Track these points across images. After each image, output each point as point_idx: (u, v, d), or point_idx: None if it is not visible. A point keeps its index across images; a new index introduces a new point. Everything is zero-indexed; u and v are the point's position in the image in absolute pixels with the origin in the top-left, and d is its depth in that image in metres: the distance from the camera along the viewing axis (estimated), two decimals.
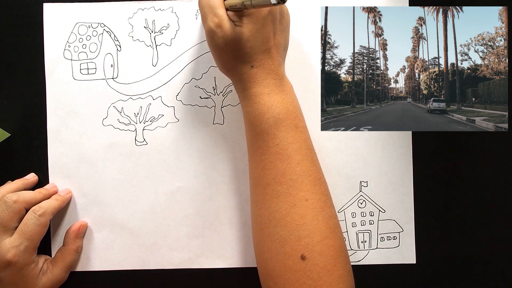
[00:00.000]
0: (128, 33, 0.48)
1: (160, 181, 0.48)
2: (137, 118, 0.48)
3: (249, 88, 0.40)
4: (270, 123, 0.40)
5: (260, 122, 0.40)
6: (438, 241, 0.48)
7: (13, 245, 0.42)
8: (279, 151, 0.40)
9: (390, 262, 0.48)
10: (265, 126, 0.40)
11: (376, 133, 0.48)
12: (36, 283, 0.44)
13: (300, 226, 0.38)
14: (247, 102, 0.41)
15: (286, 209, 0.39)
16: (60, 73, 0.48)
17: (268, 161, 0.40)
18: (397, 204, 0.48)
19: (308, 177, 0.40)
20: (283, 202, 0.39)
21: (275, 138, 0.40)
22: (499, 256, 0.49)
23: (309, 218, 0.39)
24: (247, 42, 0.39)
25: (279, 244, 0.39)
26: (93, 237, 0.48)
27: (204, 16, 0.40)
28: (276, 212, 0.39)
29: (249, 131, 0.42)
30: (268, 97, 0.40)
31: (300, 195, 0.39)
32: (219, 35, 0.39)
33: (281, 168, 0.39)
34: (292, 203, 0.39)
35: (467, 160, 0.49)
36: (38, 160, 0.48)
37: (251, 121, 0.41)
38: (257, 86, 0.40)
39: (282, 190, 0.39)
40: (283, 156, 0.39)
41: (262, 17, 0.39)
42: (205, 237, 0.48)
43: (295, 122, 0.41)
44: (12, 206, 0.43)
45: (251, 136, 0.41)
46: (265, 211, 0.40)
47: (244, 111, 0.42)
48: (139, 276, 0.48)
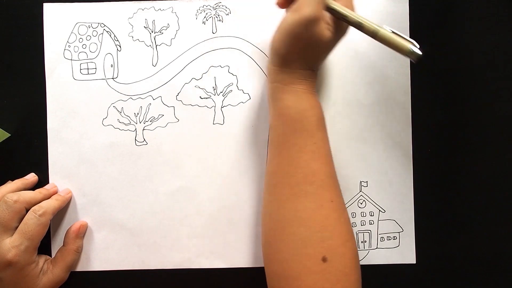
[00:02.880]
0: (128, 33, 0.48)
1: (160, 181, 0.48)
2: (137, 118, 0.48)
3: (298, 84, 0.40)
4: (312, 122, 0.40)
5: (303, 119, 0.40)
6: (438, 241, 0.48)
7: (13, 245, 0.42)
8: (315, 150, 0.39)
9: (390, 262, 0.48)
10: (306, 123, 0.40)
11: (376, 133, 0.48)
12: (36, 283, 0.44)
13: (324, 228, 0.38)
14: (291, 96, 0.40)
15: (312, 210, 0.38)
16: (60, 73, 0.48)
17: (302, 160, 0.39)
18: (397, 204, 0.48)
19: (332, 178, 0.40)
20: (311, 202, 0.38)
21: (314, 136, 0.40)
22: (499, 256, 0.49)
23: (333, 220, 0.38)
24: (327, 50, 0.41)
25: (301, 245, 0.38)
26: (93, 237, 0.48)
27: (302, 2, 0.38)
28: (301, 212, 0.38)
29: (283, 126, 0.40)
30: (313, 97, 0.41)
31: (326, 196, 0.39)
32: (310, 28, 0.38)
33: (314, 168, 0.39)
34: (319, 203, 0.38)
35: (467, 160, 0.49)
36: (38, 160, 0.48)
37: (292, 116, 0.40)
38: (306, 85, 0.41)
39: (311, 190, 0.39)
40: (318, 156, 0.39)
41: (343, 33, 0.41)
42: (205, 237, 0.48)
43: (325, 124, 0.41)
44: (12, 206, 0.43)
45: (287, 132, 0.40)
46: (288, 210, 0.39)
47: (281, 104, 0.41)
48: (139, 276, 0.48)
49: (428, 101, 0.48)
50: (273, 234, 0.40)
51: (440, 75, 0.48)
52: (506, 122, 0.48)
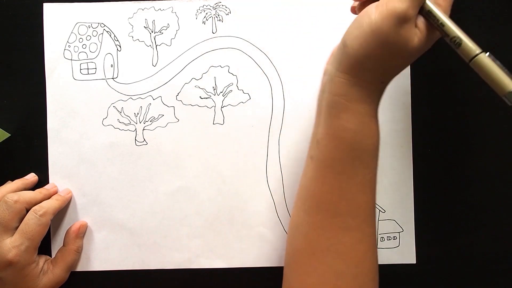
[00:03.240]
0: (128, 33, 0.48)
1: (160, 181, 0.48)
2: (137, 118, 0.48)
3: (363, 103, 0.34)
4: (370, 151, 0.35)
5: (360, 146, 0.35)
6: (438, 241, 0.48)
7: (14, 245, 0.42)
8: (365, 183, 0.36)
9: (390, 262, 0.48)
10: (363, 152, 0.35)
11: None
12: (36, 283, 0.44)
13: (361, 263, 0.36)
14: (353, 117, 0.34)
15: (351, 244, 0.36)
16: (60, 73, 0.48)
17: (350, 191, 0.35)
18: (397, 204, 0.48)
19: (374, 211, 0.37)
20: (351, 237, 0.36)
21: (367, 167, 0.35)
22: (500, 256, 0.49)
23: (370, 256, 0.37)
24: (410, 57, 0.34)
25: (333, 276, 0.36)
26: (93, 237, 0.48)
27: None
28: (339, 244, 0.36)
29: (337, 150, 0.35)
30: (375, 122, 0.35)
31: (367, 231, 0.36)
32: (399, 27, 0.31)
33: (361, 201, 0.36)
34: (360, 239, 0.36)
35: (467, 160, 0.49)
36: (38, 160, 0.48)
37: (347, 140, 0.34)
38: (372, 105, 0.35)
39: (354, 224, 0.35)
40: (367, 189, 0.36)
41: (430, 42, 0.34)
42: (205, 237, 0.48)
43: (379, 154, 0.37)
44: (13, 206, 0.43)
45: (338, 157, 0.35)
46: (326, 239, 0.36)
47: (340, 124, 0.35)
48: (139, 276, 0.48)
49: (428, 101, 0.48)
50: (305, 255, 0.37)
51: (440, 75, 0.48)
52: (506, 122, 0.48)
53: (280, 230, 0.48)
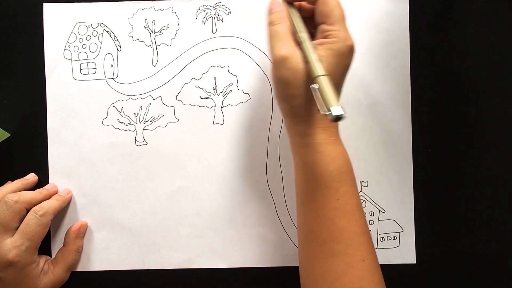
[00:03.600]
0: (128, 33, 0.48)
1: (160, 181, 0.48)
2: (137, 118, 0.48)
3: (313, 134, 0.37)
4: (333, 177, 0.37)
5: (322, 175, 0.37)
6: (438, 241, 0.48)
7: (14, 245, 0.42)
8: (340, 207, 0.37)
9: (390, 262, 0.48)
10: (326, 180, 0.37)
11: (376, 133, 0.48)
12: (37, 283, 0.44)
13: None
14: (308, 149, 0.37)
15: (342, 270, 0.36)
16: (60, 73, 0.48)
17: (325, 217, 0.37)
18: (397, 204, 0.48)
19: (364, 235, 0.37)
20: (340, 262, 0.36)
21: (336, 193, 0.37)
22: (500, 256, 0.49)
23: (366, 280, 0.36)
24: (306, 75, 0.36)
25: None
26: (93, 237, 0.48)
27: (272, 44, 0.37)
28: (331, 272, 0.36)
29: (305, 182, 0.38)
30: (332, 148, 0.37)
31: (357, 255, 0.37)
32: (288, 66, 0.36)
33: (340, 226, 0.37)
34: (350, 263, 0.36)
35: (467, 160, 0.49)
36: (38, 160, 0.48)
37: (311, 172, 0.37)
38: (322, 133, 0.37)
39: (339, 249, 0.36)
40: (343, 213, 0.37)
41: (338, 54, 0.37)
42: (205, 237, 0.48)
43: (353, 176, 0.38)
44: (13, 206, 0.43)
45: (308, 188, 0.38)
46: (319, 269, 0.37)
47: (301, 159, 0.38)
48: (139, 276, 0.48)
49: (428, 101, 0.48)
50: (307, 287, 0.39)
51: (440, 75, 0.48)
52: (506, 122, 0.48)
53: (280, 230, 0.48)
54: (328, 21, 0.37)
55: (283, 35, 0.37)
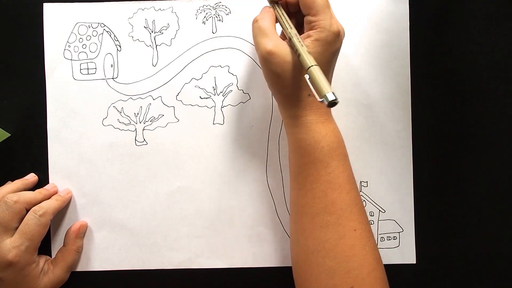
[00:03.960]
0: (128, 33, 0.48)
1: (160, 181, 0.48)
2: (137, 118, 0.48)
3: (304, 116, 0.40)
4: (325, 152, 0.39)
5: (314, 150, 0.39)
6: (438, 241, 0.48)
7: (14, 245, 0.42)
8: (331, 180, 0.39)
9: (390, 262, 0.48)
10: (319, 155, 0.39)
11: (376, 133, 0.48)
12: (37, 284, 0.44)
13: (349, 258, 0.38)
14: (300, 129, 0.40)
15: (335, 240, 0.38)
16: (60, 73, 0.48)
17: (318, 190, 0.39)
18: (397, 204, 0.48)
19: (355, 206, 0.39)
20: (332, 232, 0.38)
21: (328, 166, 0.39)
22: (500, 256, 0.49)
23: (358, 249, 0.38)
24: (295, 64, 0.38)
25: (327, 276, 0.38)
26: (93, 237, 0.48)
27: (257, 40, 0.39)
28: (325, 243, 0.38)
29: (299, 158, 0.40)
30: (323, 126, 0.40)
31: (349, 225, 0.38)
32: (275, 60, 0.38)
33: (332, 198, 0.39)
34: (342, 233, 0.38)
35: (467, 160, 0.49)
36: (38, 160, 0.48)
37: (304, 148, 0.40)
38: (312, 114, 0.39)
39: (332, 220, 0.38)
40: (334, 185, 0.39)
41: (324, 43, 0.38)
42: (205, 237, 0.48)
43: (345, 151, 0.41)
44: (12, 206, 0.43)
45: (301, 164, 0.40)
46: (312, 241, 0.39)
47: (294, 137, 0.41)
48: (139, 276, 0.48)
49: (428, 101, 0.48)
50: (301, 263, 0.40)
51: (440, 75, 0.48)
52: (506, 122, 0.48)
53: (280, 230, 0.48)
54: (312, 12, 0.39)
55: (267, 30, 0.39)
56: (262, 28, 0.39)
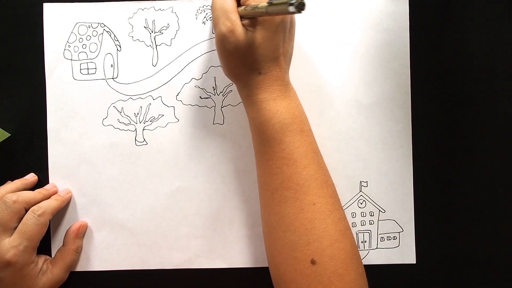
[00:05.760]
0: (128, 33, 0.48)
1: (160, 181, 0.48)
2: (137, 118, 0.48)
3: (255, 95, 0.40)
4: (276, 129, 0.40)
5: (266, 128, 0.40)
6: (438, 241, 0.48)
7: (12, 245, 0.42)
8: (286, 156, 0.39)
9: (390, 262, 0.48)
10: (271, 132, 0.40)
11: (376, 133, 0.48)
12: (36, 283, 0.44)
13: (308, 231, 0.38)
14: (252, 108, 0.41)
15: (294, 214, 0.39)
16: (60, 73, 0.48)
17: (274, 167, 0.40)
18: (397, 204, 0.48)
19: (314, 180, 0.39)
20: (291, 207, 0.39)
21: (281, 143, 0.40)
22: (499, 256, 0.48)
23: (318, 222, 0.38)
24: (258, 49, 0.39)
25: (289, 249, 0.39)
26: (93, 237, 0.48)
27: (216, 20, 0.40)
28: (284, 217, 0.39)
29: (255, 137, 0.42)
30: (274, 103, 0.40)
31: (307, 199, 0.39)
32: (230, 40, 0.39)
33: (288, 173, 0.39)
34: (300, 207, 0.39)
35: (467, 160, 0.49)
36: (38, 160, 0.48)
37: (257, 127, 0.41)
38: (263, 93, 0.40)
39: (289, 195, 0.39)
40: (289, 161, 0.39)
41: (274, 24, 0.39)
42: (205, 237, 0.48)
43: (301, 127, 0.40)
44: (11, 206, 0.43)
45: (258, 142, 0.41)
46: (274, 216, 0.40)
47: (249, 117, 0.42)
48: (139, 276, 0.48)
49: (428, 101, 0.48)
50: (267, 238, 0.41)
51: (440, 75, 0.48)
52: (506, 122, 0.48)
53: None
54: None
55: (229, 8, 0.39)
56: (224, 5, 0.39)
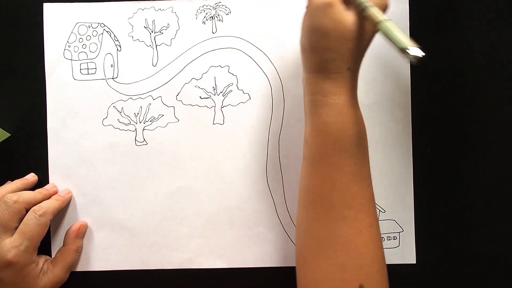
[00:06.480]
0: (128, 33, 0.48)
1: (160, 181, 0.48)
2: (137, 118, 0.48)
3: (338, 94, 0.35)
4: (353, 140, 0.36)
5: (342, 137, 0.36)
6: (438, 241, 0.48)
7: (13, 245, 0.42)
8: (355, 172, 0.36)
9: (390, 262, 0.48)
10: (346, 143, 0.36)
11: (376, 133, 0.48)
12: (36, 283, 0.44)
13: (362, 254, 0.36)
14: (330, 110, 0.36)
15: (351, 235, 0.36)
16: (60, 73, 0.48)
17: (339, 181, 0.36)
18: (397, 204, 0.48)
19: (372, 201, 0.38)
20: (349, 227, 0.36)
21: (353, 156, 0.36)
22: (500, 256, 0.49)
23: (372, 246, 0.37)
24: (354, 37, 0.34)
25: (337, 270, 0.36)
26: (93, 237, 0.48)
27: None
28: (339, 237, 0.36)
29: (322, 145, 0.37)
30: (354, 110, 0.36)
31: (366, 221, 0.36)
32: (330, 15, 0.34)
33: (353, 191, 0.36)
34: (358, 229, 0.36)
35: (467, 160, 0.49)
36: (38, 160, 0.48)
37: (330, 134, 0.36)
38: (346, 94, 0.36)
39: (350, 214, 0.36)
40: (357, 178, 0.36)
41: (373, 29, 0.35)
42: (205, 237, 0.48)
43: (367, 143, 0.38)
44: (12, 206, 0.43)
45: (324, 151, 0.36)
46: (325, 232, 0.37)
47: (319, 120, 0.36)
48: (139, 276, 0.48)
49: (428, 101, 0.48)
50: (309, 252, 0.38)
51: (440, 75, 0.48)
52: (506, 122, 0.48)
53: (280, 230, 0.48)
54: None
55: None
56: None
